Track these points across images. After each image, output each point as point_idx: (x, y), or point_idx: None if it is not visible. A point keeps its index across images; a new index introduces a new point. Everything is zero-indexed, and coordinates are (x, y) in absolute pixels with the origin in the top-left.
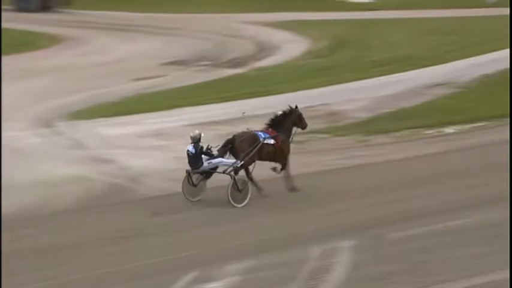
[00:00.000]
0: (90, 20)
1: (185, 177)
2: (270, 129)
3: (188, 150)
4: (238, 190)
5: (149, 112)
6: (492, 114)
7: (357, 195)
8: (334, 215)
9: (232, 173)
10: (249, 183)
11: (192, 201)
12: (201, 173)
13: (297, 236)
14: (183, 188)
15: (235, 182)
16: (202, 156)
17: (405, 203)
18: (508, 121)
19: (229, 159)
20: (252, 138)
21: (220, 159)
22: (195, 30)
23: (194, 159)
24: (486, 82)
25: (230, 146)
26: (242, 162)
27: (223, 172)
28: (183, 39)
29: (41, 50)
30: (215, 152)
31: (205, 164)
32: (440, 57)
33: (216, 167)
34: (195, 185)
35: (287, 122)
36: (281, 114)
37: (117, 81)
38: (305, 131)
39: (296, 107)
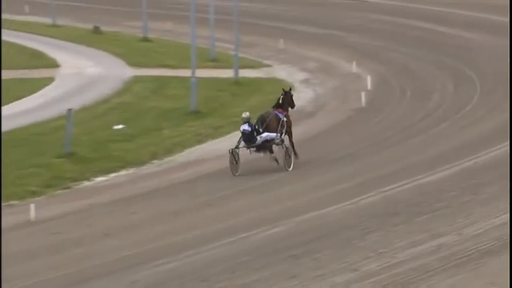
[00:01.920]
0: None
1: (230, 157)
2: (279, 109)
3: (244, 129)
4: (289, 156)
5: None
6: None
7: None
8: None
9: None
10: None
11: (235, 175)
12: (258, 147)
13: None
14: (230, 166)
15: (287, 150)
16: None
17: None
18: None
19: (272, 133)
20: (276, 116)
21: (267, 133)
22: None
23: (250, 136)
24: None
25: (265, 124)
26: (282, 134)
27: (276, 144)
28: None
29: None
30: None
31: (258, 138)
32: None
33: (266, 140)
34: (237, 162)
35: (285, 102)
36: (281, 98)
37: None
38: None
39: (290, 89)
